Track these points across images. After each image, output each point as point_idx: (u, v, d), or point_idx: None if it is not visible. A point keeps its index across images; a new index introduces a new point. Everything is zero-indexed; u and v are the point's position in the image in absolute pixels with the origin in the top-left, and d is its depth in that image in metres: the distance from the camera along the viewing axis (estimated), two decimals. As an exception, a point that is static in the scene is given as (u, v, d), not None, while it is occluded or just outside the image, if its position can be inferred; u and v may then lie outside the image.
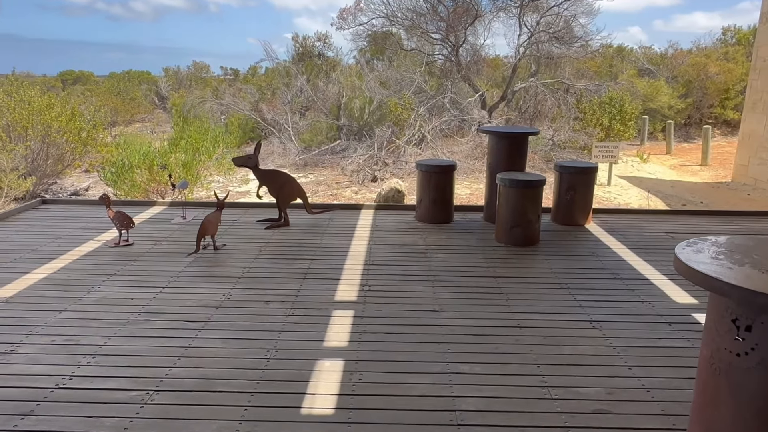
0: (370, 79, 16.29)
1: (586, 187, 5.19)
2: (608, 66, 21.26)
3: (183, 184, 5.44)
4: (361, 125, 14.74)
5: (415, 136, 12.38)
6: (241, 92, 21.92)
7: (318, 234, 4.95)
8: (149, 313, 3.25)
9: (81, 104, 13.43)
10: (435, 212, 5.29)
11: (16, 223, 5.23)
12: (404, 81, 15.09)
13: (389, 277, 3.86)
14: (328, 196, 9.84)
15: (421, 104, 13.89)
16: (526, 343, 2.92)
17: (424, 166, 5.27)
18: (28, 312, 3.23)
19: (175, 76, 32.55)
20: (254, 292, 3.59)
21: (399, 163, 11.64)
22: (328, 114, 15.63)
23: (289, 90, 17.45)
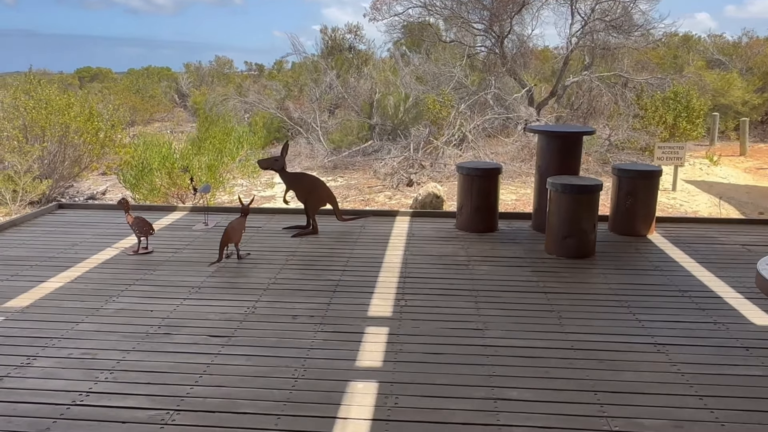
0: (405, 73, 16.34)
1: (648, 192, 5.09)
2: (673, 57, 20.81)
3: (205, 188, 5.54)
4: (396, 124, 14.78)
5: (455, 135, 12.35)
6: (266, 89, 22.27)
7: (349, 243, 4.97)
8: (169, 326, 3.31)
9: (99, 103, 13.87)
10: (478, 220, 5.26)
11: (33, 228, 5.42)
12: (443, 76, 15.08)
13: (427, 291, 3.85)
14: (359, 202, 9.88)
15: (462, 101, 13.85)
16: (581, 368, 2.87)
17: (466, 168, 5.26)
18: (44, 323, 3.34)
19: (196, 72, 33.33)
20: (281, 305, 3.62)
21: (437, 166, 11.61)
22: (359, 112, 15.73)
23: (318, 86, 17.64)
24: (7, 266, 4.33)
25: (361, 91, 16.73)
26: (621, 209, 5.16)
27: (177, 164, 8.30)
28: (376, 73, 17.39)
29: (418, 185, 10.68)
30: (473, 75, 15.76)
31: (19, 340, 3.12)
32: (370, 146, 14.24)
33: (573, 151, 5.13)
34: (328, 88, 17.56)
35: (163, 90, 29.62)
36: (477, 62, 16.11)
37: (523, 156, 12.47)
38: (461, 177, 5.31)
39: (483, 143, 12.83)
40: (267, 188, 11.21)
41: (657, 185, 5.16)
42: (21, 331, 3.23)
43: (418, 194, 8.45)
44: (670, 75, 15.80)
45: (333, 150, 14.32)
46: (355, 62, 18.83)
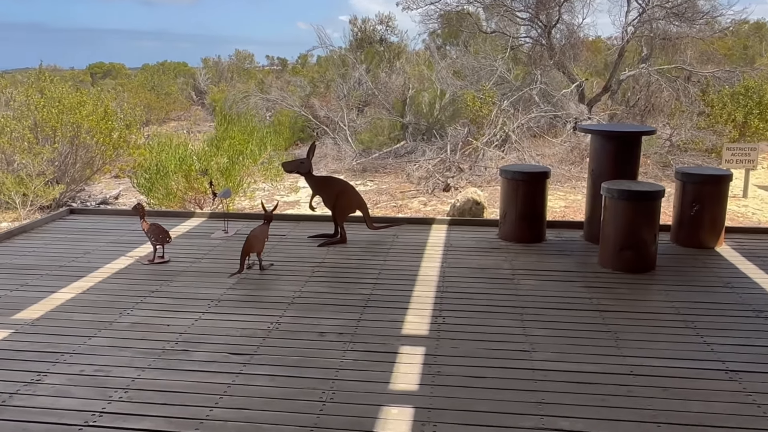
0: (441, 67, 16.33)
1: (716, 199, 4.98)
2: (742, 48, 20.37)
3: (225, 193, 5.61)
4: (431, 123, 14.76)
5: (496, 135, 12.28)
6: (289, 85, 22.52)
7: (381, 253, 4.97)
8: (187, 342, 3.35)
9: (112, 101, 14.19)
10: (523, 229, 5.22)
11: (43, 235, 5.56)
12: (483, 70, 15.02)
13: (468, 307, 3.82)
14: (391, 208, 9.88)
15: (504, 97, 13.78)
16: (641, 396, 2.81)
17: (510, 172, 5.23)
18: (54, 337, 3.41)
19: (215, 67, 33.87)
20: (307, 321, 3.64)
21: (477, 169, 11.56)
22: (390, 110, 15.76)
23: (346, 82, 17.76)
24: (16, 275, 4.44)
25: (392, 87, 16.78)
26: (685, 218, 5.07)
27: (195, 167, 8.43)
28: (410, 68, 17.43)
29: (455, 190, 10.64)
30: (517, 69, 15.67)
31: (28, 355, 3.20)
32: (402, 147, 14.25)
33: (630, 153, 5.06)
34: (357, 84, 17.66)
35: (180, 87, 30.20)
36: (521, 55, 16.01)
37: (572, 158, 12.33)
38: (504, 181, 5.28)
39: (528, 144, 12.72)
40: (291, 193, 11.31)
41: (726, 191, 5.05)
42: (30, 345, 3.31)
43: (455, 200, 8.42)
44: (740, 67, 15.47)
45: (362, 151, 14.37)
46: (386, 56, 18.91)
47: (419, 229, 5.72)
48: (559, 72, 15.05)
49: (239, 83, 28.15)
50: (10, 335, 3.43)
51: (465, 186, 10.72)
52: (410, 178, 11.73)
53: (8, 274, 4.47)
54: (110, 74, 38.81)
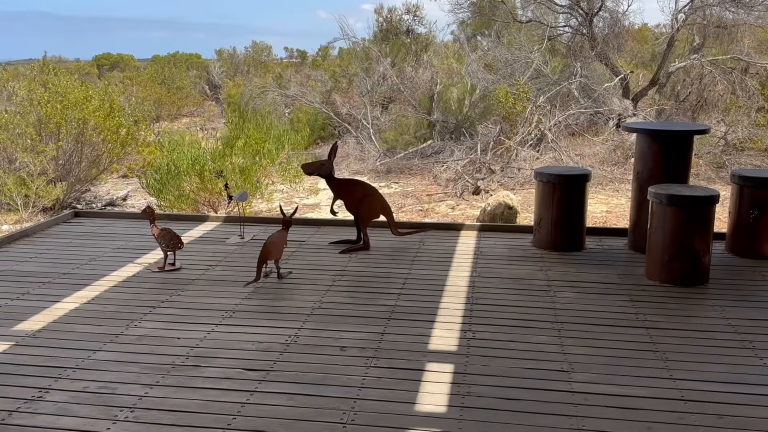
0: (472, 60, 16.29)
1: (777, 205, 4.88)
2: (805, 37, 19.96)
3: (241, 196, 5.65)
4: (460, 121, 14.72)
5: (531, 134, 12.20)
6: (309, 80, 22.64)
7: (406, 261, 4.97)
8: (199, 357, 3.37)
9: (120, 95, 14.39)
10: (560, 236, 5.19)
11: (45, 239, 5.64)
12: (517, 62, 14.95)
13: (500, 321, 3.80)
14: (417, 212, 9.87)
15: (540, 92, 13.69)
16: (693, 423, 2.75)
17: (546, 174, 5.20)
18: (57, 350, 3.45)
19: (230, 59, 34.17)
20: (327, 334, 3.64)
21: (510, 171, 11.49)
22: (417, 107, 15.75)
23: (369, 77, 17.79)
24: (16, 283, 4.51)
25: (419, 81, 16.77)
26: (743, 225, 4.99)
27: (209, 167, 8.50)
28: (438, 61, 17.42)
29: (486, 193, 10.59)
30: (555, 61, 15.56)
31: (29, 370, 3.23)
32: (429, 147, 14.22)
33: (681, 154, 4.99)
34: (381, 79, 17.69)
35: (192, 80, 30.49)
36: (560, 45, 15.91)
37: (615, 159, 12.20)
38: (540, 184, 5.26)
39: (566, 143, 12.62)
40: (310, 195, 11.34)
41: (789, 196, 4.94)
42: (32, 359, 3.35)
43: (486, 204, 8.38)
44: (803, 59, 15.16)
45: (386, 151, 14.37)
46: (413, 48, 18.92)
47: (447, 236, 5.71)
48: (601, 64, 14.91)
49: (256, 77, 28.36)
50: (10, 348, 3.48)
51: (496, 189, 10.66)
52: (437, 180, 11.70)
53: (9, 282, 4.54)
54: (118, 66, 39.36)
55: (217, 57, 35.78)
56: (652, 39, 17.75)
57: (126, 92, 18.29)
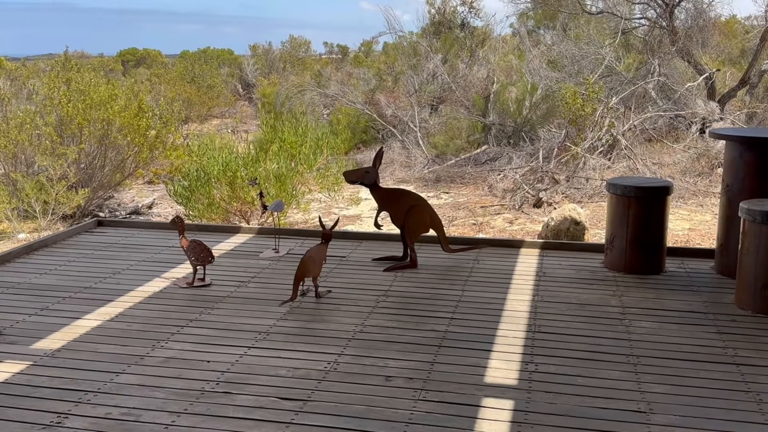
0: (533, 56, 16.21)
1: None
2: None
3: (277, 206, 5.69)
4: (519, 124, 14.63)
5: (602, 139, 12.03)
6: (351, 78, 22.81)
7: (458, 282, 4.94)
8: (230, 383, 3.39)
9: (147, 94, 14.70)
10: (636, 257, 5.11)
11: (66, 250, 5.76)
12: (586, 59, 14.82)
13: (566, 353, 3.75)
14: (470, 227, 9.81)
15: (613, 93, 13.52)
16: (793, 475, 2.65)
17: (619, 186, 5.13)
18: (77, 372, 3.51)
19: (264, 56, 34.66)
20: (370, 361, 3.63)
21: (576, 181, 11.35)
22: (470, 108, 15.71)
23: (418, 74, 17.83)
24: (35, 297, 4.62)
25: (473, 80, 16.75)
26: None
27: (241, 173, 8.59)
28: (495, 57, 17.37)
29: (549, 206, 10.47)
30: (629, 57, 15.37)
31: (47, 393, 3.29)
32: (484, 153, 14.16)
33: (776, 165, 4.85)
34: (431, 77, 17.71)
35: (224, 78, 30.99)
36: (635, 40, 15.71)
37: (699, 169, 11.94)
38: (613, 197, 5.19)
39: (642, 150, 12.41)
40: (351, 205, 11.38)
41: None
42: (50, 381, 3.41)
43: (549, 218, 8.27)
44: None
45: (435, 157, 14.35)
46: (467, 43, 18.90)
47: (505, 254, 5.66)
48: (682, 61, 14.67)
49: (293, 75, 28.67)
50: (26, 368, 3.55)
51: (561, 201, 10.53)
52: (493, 191, 11.62)
53: (26, 296, 4.64)
54: (144, 62, 40.27)
55: (250, 53, 36.33)
56: (742, 33, 17.39)
57: (153, 91, 18.67)
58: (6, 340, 3.91)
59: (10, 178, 9.98)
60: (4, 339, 3.91)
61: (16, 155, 10.45)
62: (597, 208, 10.12)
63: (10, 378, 3.43)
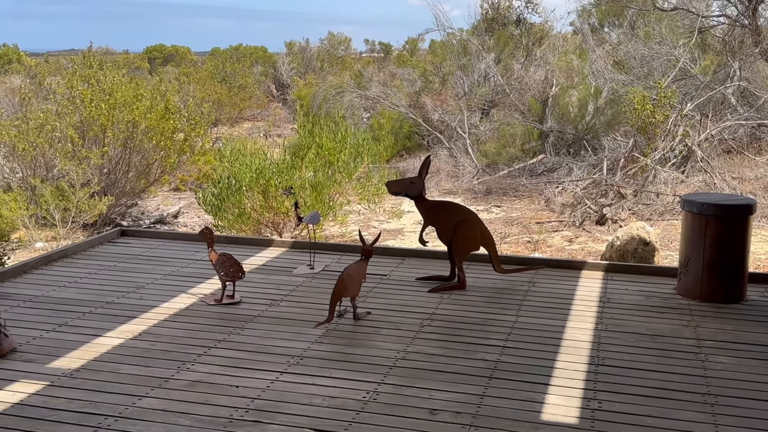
0: (597, 56, 16.09)
1: None
2: None
3: (313, 218, 5.72)
4: (581, 131, 14.53)
5: (674, 150, 11.88)
6: (394, 79, 22.87)
7: (512, 306, 4.91)
8: (260, 411, 3.40)
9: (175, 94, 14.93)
10: (714, 283, 5.04)
11: (87, 261, 5.86)
12: (657, 60, 14.65)
13: (633, 389, 3.69)
14: (524, 244, 9.75)
15: (687, 98, 13.35)
16: None
17: (696, 203, 5.07)
18: (97, 394, 3.56)
19: (301, 54, 34.99)
20: (413, 392, 3.61)
21: (645, 196, 11.21)
22: (526, 113, 15.65)
23: (468, 75, 17.83)
24: (53, 312, 4.70)
25: (530, 82, 16.69)
26: None
27: (274, 181, 8.66)
28: (554, 57, 17.28)
29: (614, 224, 10.35)
30: (706, 59, 15.16)
31: (65, 416, 3.34)
32: (540, 163, 14.08)
33: None
34: (483, 79, 17.69)
35: (257, 78, 31.34)
36: (713, 40, 15.50)
37: (787, 186, 11.70)
38: (688, 216, 5.13)
39: (720, 163, 12.23)
40: (392, 218, 11.40)
41: None
42: (68, 404, 3.46)
43: (614, 237, 8.18)
44: None
45: (486, 167, 14.31)
46: (523, 41, 18.86)
47: (564, 276, 5.62)
48: (767, 64, 14.40)
49: (331, 75, 28.87)
50: (43, 389, 3.61)
51: (628, 218, 10.40)
52: (550, 205, 11.54)
53: (44, 310, 4.73)
54: (172, 60, 40.96)
55: (286, 50, 36.70)
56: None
57: (181, 91, 18.95)
58: (22, 357, 3.98)
59: (28, 183, 10.20)
60: (20, 356, 3.99)
61: (35, 158, 10.68)
62: (668, 227, 9.97)
63: (26, 399, 3.50)
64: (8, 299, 4.93)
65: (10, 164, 11.57)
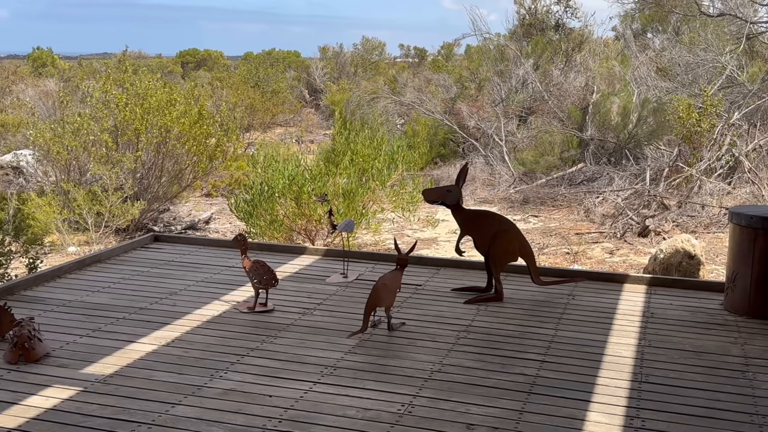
0: (640, 63, 15.98)
1: None
2: None
3: (347, 226, 5.73)
4: (622, 140, 14.43)
5: (721, 160, 11.74)
6: (429, 84, 22.90)
7: (551, 319, 4.88)
8: (293, 421, 3.41)
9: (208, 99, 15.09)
10: (762, 299, 4.98)
11: (121, 266, 5.93)
12: (702, 67, 14.50)
13: (678, 408, 3.64)
14: (563, 256, 9.70)
15: (734, 107, 13.19)
16: None
17: (744, 216, 5.02)
18: (130, 401, 3.59)
19: (334, 59, 35.21)
20: (449, 405, 3.60)
21: (690, 208, 11.10)
22: (565, 120, 15.58)
23: (505, 81, 17.79)
24: (86, 317, 4.76)
25: (569, 88, 16.61)
26: None
27: (307, 188, 8.71)
28: (595, 63, 17.18)
29: (657, 236, 10.26)
30: (754, 66, 14.97)
31: (98, 422, 3.38)
32: (580, 172, 14.00)
33: None
34: (520, 85, 17.65)
35: (289, 83, 31.57)
36: (761, 47, 15.29)
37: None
38: (736, 229, 5.07)
39: (770, 174, 12.05)
40: (426, 227, 11.39)
41: None
42: (101, 410, 3.50)
43: (658, 250, 8.11)
44: None
45: (523, 175, 14.27)
46: (562, 46, 18.76)
47: (605, 289, 5.57)
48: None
49: (364, 80, 29.00)
50: (77, 394, 3.66)
51: (671, 230, 10.30)
52: (590, 215, 11.47)
53: (78, 315, 4.79)
54: (205, 64, 41.42)
55: (319, 55, 36.94)
56: None
57: (214, 96, 19.15)
58: (55, 362, 4.04)
59: (61, 186, 10.36)
60: (53, 361, 4.05)
61: (69, 162, 10.85)
62: (714, 240, 9.85)
63: (59, 404, 3.54)
64: (42, 303, 5.00)
65: (43, 167, 11.77)
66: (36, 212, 9.07)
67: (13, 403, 3.54)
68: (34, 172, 12.90)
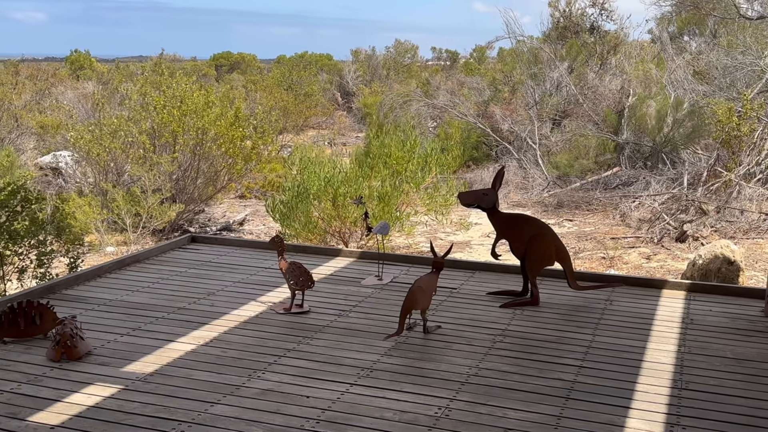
0: (677, 66, 15.82)
1: None
2: None
3: (382, 228, 5.74)
4: (659, 144, 14.30)
5: (761, 165, 11.59)
6: (462, 87, 22.87)
7: (588, 324, 4.85)
8: (331, 422, 3.43)
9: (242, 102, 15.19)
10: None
11: (159, 266, 6.00)
12: (741, 71, 14.31)
13: (719, 416, 3.61)
14: (598, 261, 9.63)
15: (775, 110, 13.00)
16: None
17: (783, 222, 4.91)
18: (170, 399, 3.63)
19: (367, 62, 35.27)
20: (486, 410, 3.59)
21: (729, 213, 10.96)
22: (600, 124, 15.47)
23: (539, 84, 17.71)
24: (127, 316, 4.82)
25: (604, 92, 16.49)
26: None
27: (341, 190, 8.73)
28: (631, 66, 17.04)
29: (695, 241, 10.15)
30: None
31: (139, 420, 3.42)
32: (615, 176, 13.90)
33: None
34: (555, 88, 17.56)
35: (322, 86, 31.69)
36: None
37: None
38: (775, 235, 4.97)
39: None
40: (459, 230, 11.37)
41: None
42: (142, 408, 3.54)
43: (696, 255, 8.02)
44: None
45: (557, 179, 14.19)
46: (597, 49, 18.64)
47: (643, 294, 5.52)
48: None
49: (397, 83, 29.03)
50: (118, 392, 3.70)
51: (710, 236, 10.19)
52: (626, 220, 11.38)
53: (118, 314, 4.85)
54: (238, 67, 41.70)
55: (352, 58, 37.06)
56: None
57: (248, 98, 19.27)
58: (97, 360, 4.09)
59: (100, 187, 10.50)
60: (95, 359, 4.10)
61: (107, 164, 10.99)
62: (754, 246, 9.73)
63: (101, 402, 3.59)
64: (84, 302, 5.07)
65: (81, 168, 11.93)
66: (76, 212, 9.20)
67: (56, 401, 3.59)
68: (72, 173, 13.08)
